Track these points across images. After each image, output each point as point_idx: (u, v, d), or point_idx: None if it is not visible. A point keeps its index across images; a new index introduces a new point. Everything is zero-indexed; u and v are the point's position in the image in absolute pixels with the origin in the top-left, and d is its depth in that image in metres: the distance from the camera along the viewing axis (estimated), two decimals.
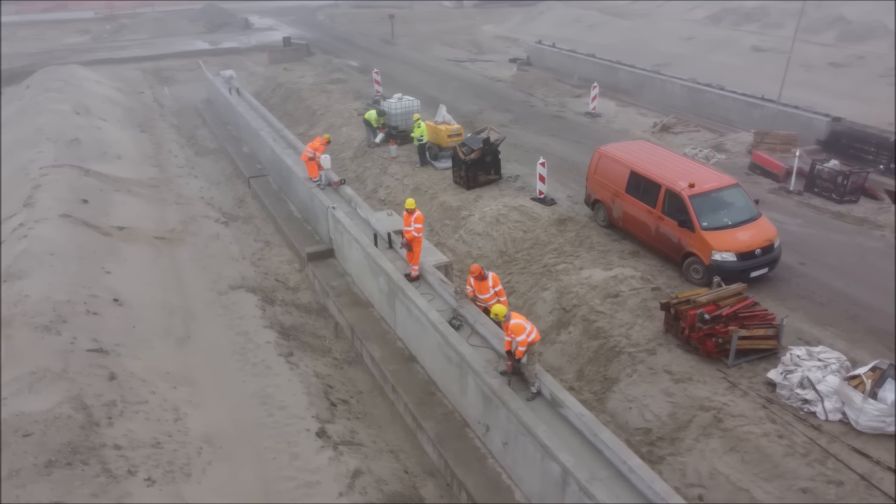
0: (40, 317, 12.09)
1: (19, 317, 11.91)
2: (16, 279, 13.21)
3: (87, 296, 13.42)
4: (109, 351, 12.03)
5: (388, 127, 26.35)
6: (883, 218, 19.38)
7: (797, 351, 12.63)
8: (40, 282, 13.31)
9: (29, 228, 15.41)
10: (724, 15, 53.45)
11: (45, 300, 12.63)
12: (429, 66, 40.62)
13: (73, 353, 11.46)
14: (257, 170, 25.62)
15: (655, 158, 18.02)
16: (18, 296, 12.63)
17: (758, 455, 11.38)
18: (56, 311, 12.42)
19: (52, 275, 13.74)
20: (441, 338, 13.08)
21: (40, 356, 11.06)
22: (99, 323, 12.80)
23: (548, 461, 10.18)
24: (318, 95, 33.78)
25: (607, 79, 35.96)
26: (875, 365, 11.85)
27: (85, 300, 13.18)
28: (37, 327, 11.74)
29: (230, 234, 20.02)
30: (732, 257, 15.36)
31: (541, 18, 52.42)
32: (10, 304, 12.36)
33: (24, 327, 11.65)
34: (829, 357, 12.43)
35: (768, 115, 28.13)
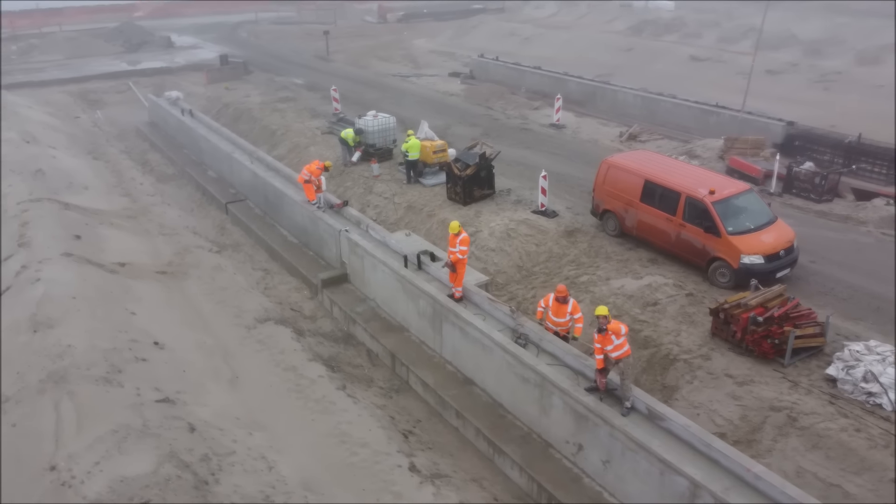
0: (95, 368, 10.98)
1: (73, 370, 10.76)
2: (47, 328, 11.96)
3: (128, 341, 12.33)
4: (175, 400, 11.07)
5: (364, 145, 25.77)
6: (863, 214, 20.63)
7: (855, 346, 13.20)
8: (76, 329, 12.11)
9: (37, 271, 14.00)
10: (644, 26, 55.82)
11: (91, 349, 11.48)
12: (375, 81, 40.18)
13: (143, 405, 10.47)
14: (232, 195, 24.45)
15: (666, 167, 18.49)
16: (60, 346, 11.43)
17: (841, 450, 11.76)
18: (108, 360, 11.32)
19: (83, 320, 12.53)
20: (512, 358, 12.86)
21: (114, 412, 10.03)
22: (151, 370, 11.78)
23: (671, 476, 10.14)
24: (272, 115, 32.69)
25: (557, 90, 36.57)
26: None
27: (129, 346, 12.11)
28: (97, 380, 10.64)
29: (230, 263, 18.94)
30: (760, 259, 15.91)
31: (474, 32, 52.99)
32: (54, 356, 11.16)
33: (84, 381, 10.54)
34: (885, 350, 13.06)
35: (724, 121, 29.54)
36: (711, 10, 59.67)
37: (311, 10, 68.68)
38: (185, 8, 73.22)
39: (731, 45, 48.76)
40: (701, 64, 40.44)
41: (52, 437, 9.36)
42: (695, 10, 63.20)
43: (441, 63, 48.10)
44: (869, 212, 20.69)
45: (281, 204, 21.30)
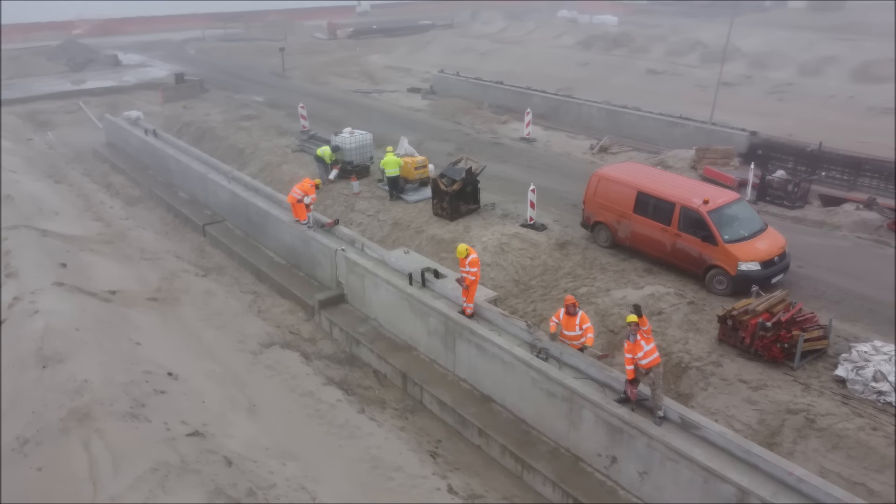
0: (118, 403, 10.42)
1: (97, 406, 10.18)
2: (56, 363, 11.31)
3: (143, 373, 11.77)
4: (204, 433, 10.61)
5: (342, 162, 25.47)
6: (836, 219, 21.47)
7: (862, 347, 13.68)
8: (87, 363, 11.49)
9: (31, 302, 13.25)
10: (594, 41, 57.11)
11: (109, 384, 10.91)
12: (337, 98, 39.85)
13: (175, 440, 10.00)
14: (208, 216, 23.77)
15: (657, 178, 18.88)
16: (75, 381, 10.81)
17: (862, 449, 12.13)
18: (128, 394, 10.77)
19: (92, 353, 11.91)
20: (537, 373, 12.83)
21: (148, 449, 9.53)
22: (172, 402, 11.27)
23: (716, 483, 10.25)
24: (237, 133, 32.01)
25: (520, 104, 37.05)
26: None
27: (145, 378, 11.56)
28: (123, 416, 10.11)
29: (220, 288, 18.37)
30: (757, 266, 16.36)
31: (428, 48, 53.21)
32: (72, 392, 10.55)
33: (110, 418, 9.99)
34: (889, 350, 13.57)
35: (689, 132, 30.34)
36: (656, 24, 61.66)
37: (260, 26, 67.75)
38: (126, 25, 71.31)
39: (680, 59, 50.41)
40: (658, 77, 41.59)
41: (87, 480, 8.82)
42: (638, 24, 65.24)
43: (398, 79, 48.06)
44: (841, 217, 21.56)
45: (266, 224, 20.81)
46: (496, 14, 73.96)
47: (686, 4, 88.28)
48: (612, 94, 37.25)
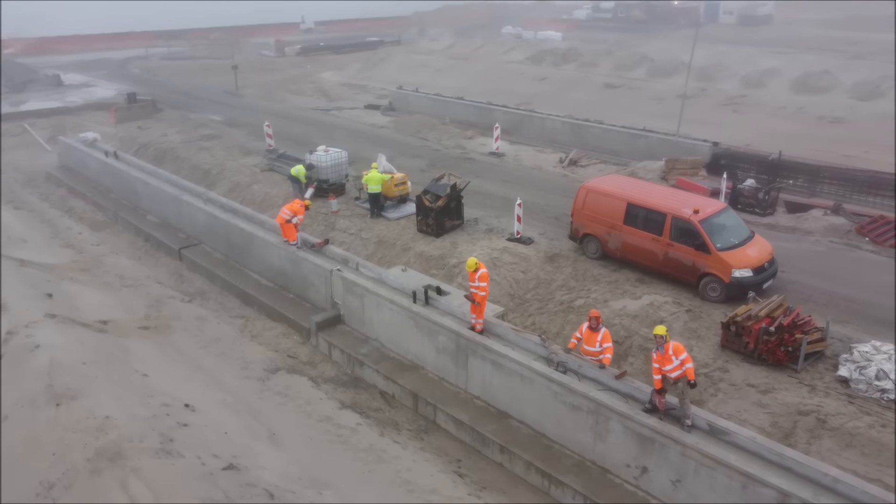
0: (147, 439, 9.91)
1: (126, 444, 9.65)
2: (70, 399, 10.69)
3: (161, 406, 11.26)
4: (237, 465, 10.20)
5: (317, 181, 25.09)
6: (806, 225, 22.33)
7: (863, 347, 14.21)
8: (102, 398, 10.91)
9: (28, 336, 12.52)
10: (543, 56, 58.13)
11: (133, 419, 10.37)
12: (297, 115, 39.33)
13: (213, 475, 9.57)
14: (183, 240, 23.03)
15: (645, 190, 19.28)
16: (95, 419, 10.23)
17: (874, 446, 12.57)
18: (154, 429, 10.26)
19: (104, 387, 11.32)
20: (559, 387, 12.86)
21: (190, 486, 9.09)
22: (197, 435, 10.80)
23: (755, 487, 10.43)
24: (200, 153, 31.23)
25: (483, 120, 37.46)
26: None
27: (165, 412, 11.05)
28: (155, 452, 9.61)
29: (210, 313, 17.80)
30: (749, 273, 16.86)
31: (382, 65, 53.16)
32: (95, 430, 9.97)
33: (143, 455, 9.48)
34: (888, 349, 14.14)
35: (652, 144, 31.13)
36: (602, 40, 63.28)
37: (204, 44, 66.44)
38: (61, 44, 68.80)
39: (628, 73, 51.79)
40: (616, 91, 42.60)
41: None
42: (580, 40, 66.84)
43: (353, 96, 47.86)
44: (811, 222, 22.44)
45: (250, 246, 20.29)
46: (443, 31, 74.57)
47: (623, 21, 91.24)
48: (571, 108, 38.00)
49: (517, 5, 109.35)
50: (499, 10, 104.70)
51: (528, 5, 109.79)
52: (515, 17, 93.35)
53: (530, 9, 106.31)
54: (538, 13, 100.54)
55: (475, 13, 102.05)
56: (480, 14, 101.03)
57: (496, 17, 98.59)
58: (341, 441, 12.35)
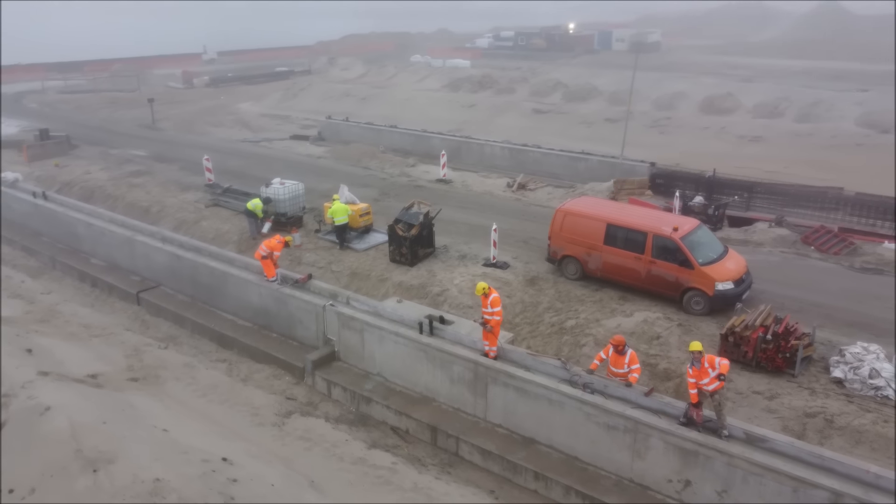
0: (210, 499, 9.18)
1: None
2: (108, 463, 9.74)
3: (202, 462, 10.46)
4: None
5: (274, 215, 24.33)
6: (756, 237, 23.74)
7: (854, 349, 15.16)
8: (139, 458, 9.99)
9: (31, 398, 11.33)
10: (460, 84, 59.20)
11: (184, 479, 9.55)
12: (227, 148, 38.01)
13: None
14: (138, 283, 21.66)
15: (622, 210, 19.93)
16: (144, 482, 9.36)
17: (882, 441, 13.39)
18: (212, 488, 9.52)
19: (135, 447, 10.39)
20: (592, 408, 12.97)
21: None
22: (251, 489, 10.10)
23: (807, 490, 10.88)
24: (132, 191, 29.58)
25: (419, 147, 37.72)
26: None
27: (210, 468, 10.28)
28: None
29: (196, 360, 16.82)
30: (731, 285, 17.70)
31: (303, 95, 52.39)
32: (149, 494, 9.12)
33: None
34: (875, 348, 15.18)
35: (592, 166, 32.30)
36: (515, 67, 65.20)
37: (105, 77, 63.22)
38: None
39: (545, 98, 53.58)
40: (545, 116, 43.87)
41: None
42: (488, 67, 68.68)
43: (277, 127, 46.89)
44: (759, 235, 23.89)
45: (223, 286, 19.34)
46: (354, 60, 74.51)
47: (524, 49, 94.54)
48: (502, 134, 38.85)
49: (418, 35, 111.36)
50: (400, 39, 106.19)
51: (428, 35, 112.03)
52: (418, 46, 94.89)
53: (430, 38, 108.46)
54: (439, 42, 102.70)
55: (377, 42, 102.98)
56: (383, 43, 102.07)
57: (399, 45, 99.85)
58: (383, 482, 11.89)
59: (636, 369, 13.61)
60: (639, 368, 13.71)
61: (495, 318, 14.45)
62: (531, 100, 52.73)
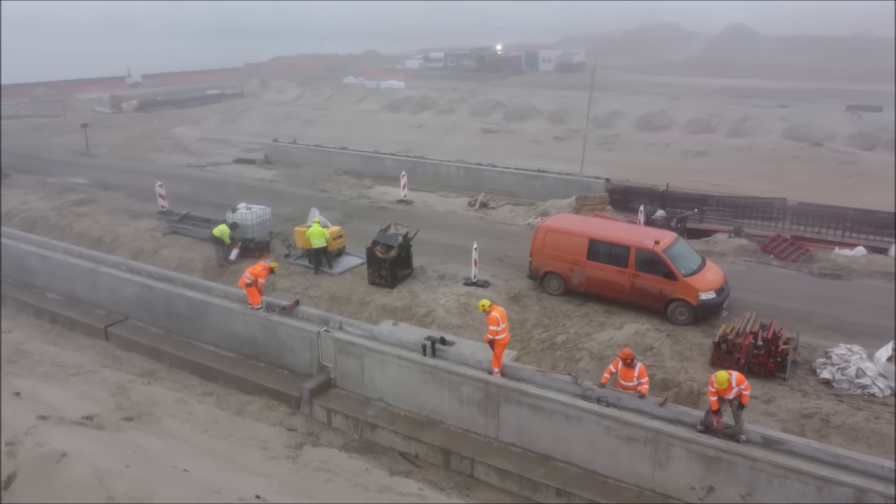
0: None
1: None
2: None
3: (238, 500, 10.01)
4: None
5: (241, 241, 23.64)
6: (718, 248, 24.68)
7: (840, 350, 15.92)
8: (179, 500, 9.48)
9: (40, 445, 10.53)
10: (399, 105, 59.35)
11: None
12: (173, 174, 36.64)
13: None
14: (104, 316, 20.59)
15: (603, 226, 20.35)
16: None
17: (877, 437, 14.06)
18: None
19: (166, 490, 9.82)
20: (611, 421, 13.15)
21: None
22: None
23: (831, 489, 11.34)
24: (80, 220, 28.17)
25: (371, 168, 37.57)
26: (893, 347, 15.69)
27: None
28: None
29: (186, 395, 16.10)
30: (713, 295, 18.32)
31: (243, 118, 51.29)
32: None
33: None
34: (858, 349, 15.98)
35: (549, 183, 32.94)
36: (452, 88, 65.88)
37: (26, 102, 60.11)
38: None
39: (485, 118, 54.31)
40: (494, 135, 44.41)
41: None
42: (427, 88, 69.24)
43: (218, 151, 45.75)
44: (721, 245, 24.86)
45: (203, 316, 18.61)
46: (288, 82, 73.61)
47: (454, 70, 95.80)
48: (453, 153, 39.16)
49: (347, 57, 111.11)
50: (329, 61, 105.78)
51: (357, 57, 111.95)
52: (348, 68, 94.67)
53: (359, 60, 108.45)
54: (368, 64, 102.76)
55: (306, 64, 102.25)
56: (312, 65, 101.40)
57: (329, 67, 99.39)
58: None
59: (646, 381, 13.91)
60: (648, 380, 14.00)
61: (499, 336, 14.47)
62: (474, 119, 53.40)
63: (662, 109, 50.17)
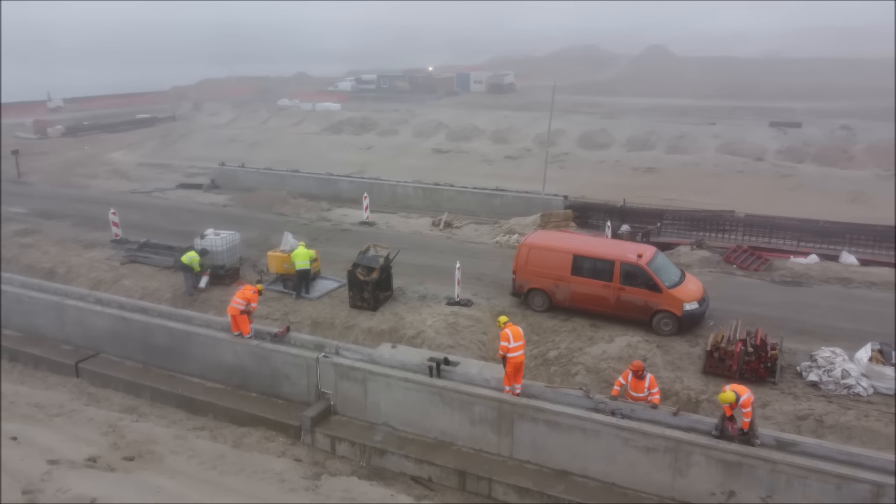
0: None
1: None
2: None
3: None
4: None
5: (211, 268, 22.91)
6: (683, 260, 25.52)
7: (824, 353, 16.69)
8: None
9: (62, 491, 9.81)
10: (341, 126, 58.95)
11: None
12: (119, 200, 34.81)
13: None
14: (71, 352, 19.48)
15: (585, 242, 20.76)
16: None
17: (869, 434, 14.80)
18: None
19: None
20: (630, 433, 13.33)
21: None
22: None
23: (850, 485, 11.83)
24: (27, 252, 26.68)
25: (326, 191, 37.18)
26: (871, 348, 16.59)
27: None
28: None
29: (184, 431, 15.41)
30: (696, 305, 18.93)
31: (183, 142, 49.73)
32: None
33: None
34: (839, 351, 16.80)
35: (508, 202, 33.36)
36: (393, 109, 65.96)
37: None
38: None
39: (429, 139, 54.57)
40: (446, 155, 44.62)
41: None
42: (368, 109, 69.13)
43: (158, 176, 44.24)
44: (685, 257, 25.73)
45: (186, 346, 17.85)
46: (222, 105, 71.99)
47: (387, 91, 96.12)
48: (406, 174, 39.17)
49: (276, 79, 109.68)
50: (259, 83, 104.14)
51: (287, 79, 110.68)
52: (279, 90, 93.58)
53: (289, 82, 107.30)
54: (299, 86, 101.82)
55: (236, 87, 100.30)
56: (242, 88, 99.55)
57: (259, 90, 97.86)
58: None
59: (656, 392, 14.22)
60: (658, 391, 14.31)
61: (510, 354, 14.51)
62: (415, 141, 53.57)
63: (602, 128, 51.69)
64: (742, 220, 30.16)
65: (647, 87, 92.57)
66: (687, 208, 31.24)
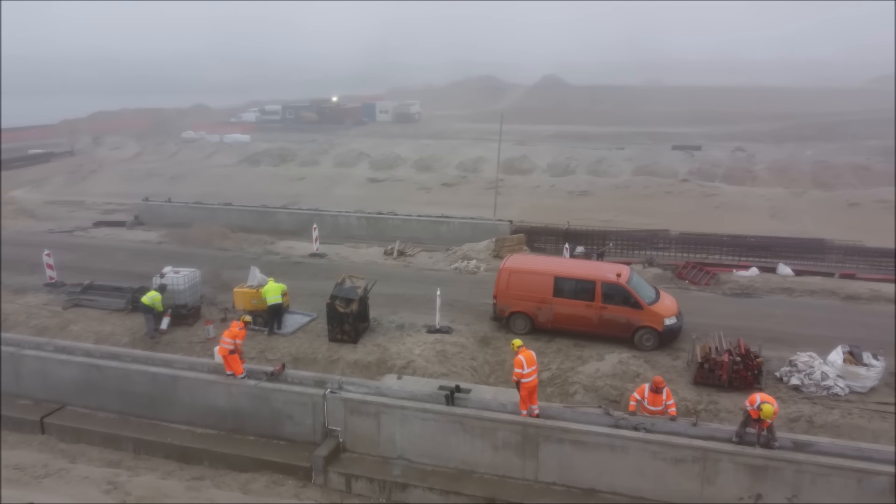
0: None
1: None
2: None
3: None
4: None
5: (172, 307, 21.73)
6: None
7: (803, 357, 17.83)
8: None
9: None
10: (259, 158, 57.51)
11: None
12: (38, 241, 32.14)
13: None
14: (32, 407, 17.86)
15: (564, 264, 21.37)
16: None
17: (857, 431, 15.90)
18: None
19: None
20: (658, 446, 13.75)
21: None
22: None
23: (870, 479, 12.72)
24: None
25: (262, 224, 36.21)
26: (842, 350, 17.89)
27: None
28: None
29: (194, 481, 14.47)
30: (675, 320, 19.79)
31: (95, 178, 46.80)
32: None
33: None
34: (814, 355, 18.00)
35: (454, 228, 33.66)
36: (311, 139, 65.02)
37: None
38: None
39: (352, 169, 54.19)
40: (381, 184, 44.36)
41: None
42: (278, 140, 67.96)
43: (70, 214, 41.47)
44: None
45: (171, 392, 16.78)
46: (124, 138, 68.56)
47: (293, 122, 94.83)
48: (342, 204, 38.73)
49: (173, 110, 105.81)
50: (156, 115, 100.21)
51: (185, 110, 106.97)
52: (177, 122, 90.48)
53: (188, 114, 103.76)
54: (199, 117, 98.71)
55: (131, 119, 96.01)
56: (138, 120, 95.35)
57: (156, 122, 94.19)
58: None
59: (672, 404, 14.74)
60: (674, 403, 14.84)
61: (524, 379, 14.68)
62: (337, 171, 53.09)
63: (522, 154, 53.17)
64: (676, 237, 31.85)
65: (545, 114, 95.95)
66: (625, 228, 32.60)
